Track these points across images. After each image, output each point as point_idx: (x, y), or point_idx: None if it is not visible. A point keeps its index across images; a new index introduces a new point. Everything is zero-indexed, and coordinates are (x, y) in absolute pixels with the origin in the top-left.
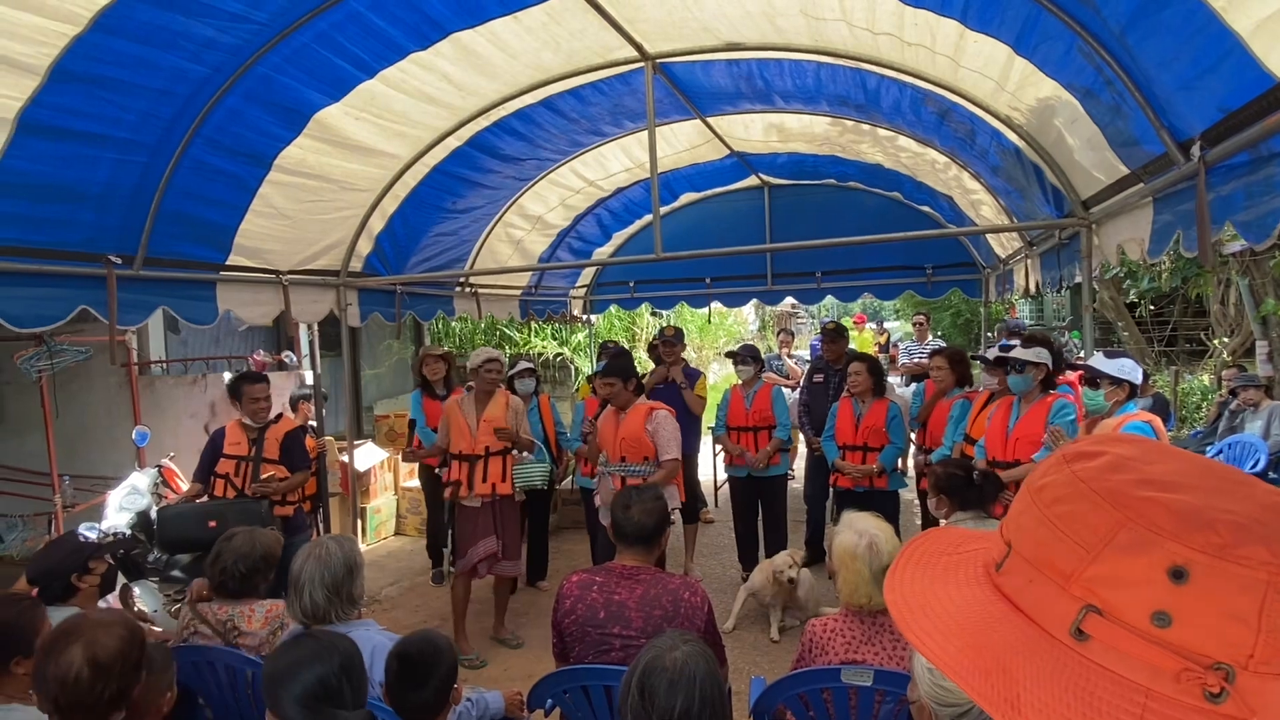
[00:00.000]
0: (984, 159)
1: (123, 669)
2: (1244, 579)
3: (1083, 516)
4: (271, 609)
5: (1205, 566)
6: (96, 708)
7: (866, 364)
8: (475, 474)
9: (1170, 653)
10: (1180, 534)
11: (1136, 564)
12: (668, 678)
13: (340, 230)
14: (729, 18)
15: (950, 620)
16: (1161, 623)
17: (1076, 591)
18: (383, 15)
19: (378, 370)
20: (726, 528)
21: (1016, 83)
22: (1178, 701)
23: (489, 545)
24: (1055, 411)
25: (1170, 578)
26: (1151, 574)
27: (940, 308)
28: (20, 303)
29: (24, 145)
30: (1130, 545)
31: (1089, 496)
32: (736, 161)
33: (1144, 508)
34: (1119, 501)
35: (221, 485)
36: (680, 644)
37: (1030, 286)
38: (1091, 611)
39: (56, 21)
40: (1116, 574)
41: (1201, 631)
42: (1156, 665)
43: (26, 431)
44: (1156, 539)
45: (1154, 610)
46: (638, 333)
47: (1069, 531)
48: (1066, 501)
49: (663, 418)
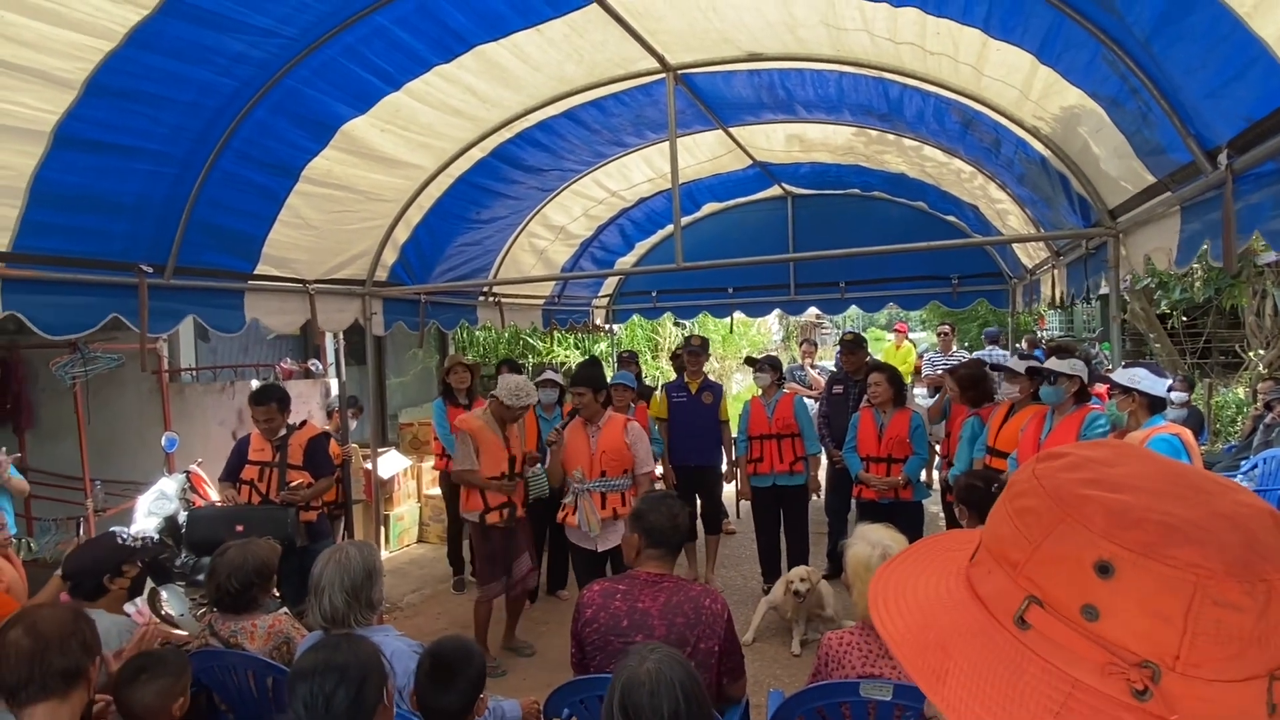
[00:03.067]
0: (1009, 168)
1: (63, 640)
2: (1170, 579)
3: (1033, 511)
4: (273, 625)
5: (1131, 563)
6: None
7: (886, 374)
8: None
9: (1098, 646)
10: (1110, 531)
11: (1068, 557)
12: (647, 689)
13: (366, 240)
14: (750, 28)
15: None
16: (1090, 616)
17: (1022, 582)
18: (407, 29)
19: (402, 379)
20: (748, 539)
21: (1041, 91)
22: (1103, 694)
23: (527, 562)
24: (1088, 424)
25: (1096, 572)
26: (1080, 567)
27: (967, 318)
28: (55, 310)
29: (60, 158)
30: (1063, 539)
31: (1039, 493)
32: (759, 171)
33: (1081, 504)
34: (1061, 498)
35: (247, 491)
36: (649, 655)
37: (1057, 297)
38: (1033, 602)
39: (92, 37)
40: (1052, 566)
41: (1127, 628)
42: (1085, 657)
43: (60, 437)
44: (1087, 534)
45: (1083, 603)
46: (660, 342)
47: (1021, 525)
48: (1024, 497)
49: (637, 430)
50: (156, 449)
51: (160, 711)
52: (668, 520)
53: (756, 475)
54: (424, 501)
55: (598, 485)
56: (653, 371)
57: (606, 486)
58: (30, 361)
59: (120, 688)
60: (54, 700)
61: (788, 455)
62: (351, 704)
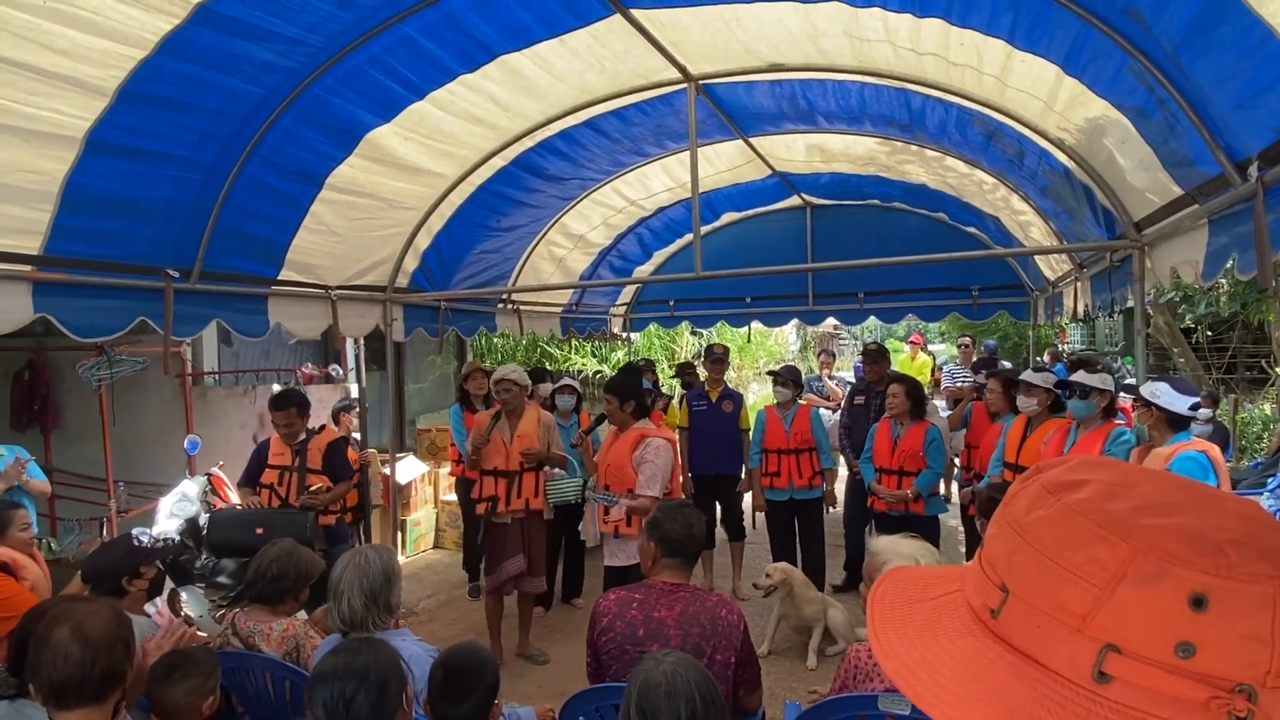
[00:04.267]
0: (1032, 180)
1: (110, 645)
2: (1255, 596)
3: (1088, 552)
4: (287, 629)
5: (1222, 590)
6: (88, 684)
7: (905, 385)
8: (511, 490)
9: (1197, 682)
10: (1192, 560)
11: (1155, 596)
12: (664, 691)
13: (388, 247)
14: (772, 39)
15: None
16: (1186, 653)
17: (1092, 633)
18: (433, 39)
19: (420, 385)
20: (763, 550)
21: (1065, 102)
22: None
23: (518, 564)
24: (1112, 439)
25: (1191, 606)
26: (1172, 604)
27: (987, 331)
28: (84, 313)
29: (91, 163)
30: (1146, 578)
31: (1091, 529)
32: (778, 181)
33: (1153, 537)
34: (1126, 533)
35: (266, 495)
36: (664, 658)
37: (1080, 310)
38: (1111, 651)
39: (125, 45)
40: (1135, 609)
41: (1224, 656)
42: (1184, 697)
43: (85, 438)
44: (1170, 568)
45: (1178, 642)
46: (677, 351)
47: (1075, 570)
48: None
49: (654, 448)
50: (179, 451)
51: (192, 709)
52: (683, 529)
53: (773, 489)
54: (440, 507)
55: (602, 498)
56: (669, 380)
57: (606, 500)
58: (57, 363)
59: (153, 686)
60: (96, 705)
61: (805, 470)
62: (372, 708)
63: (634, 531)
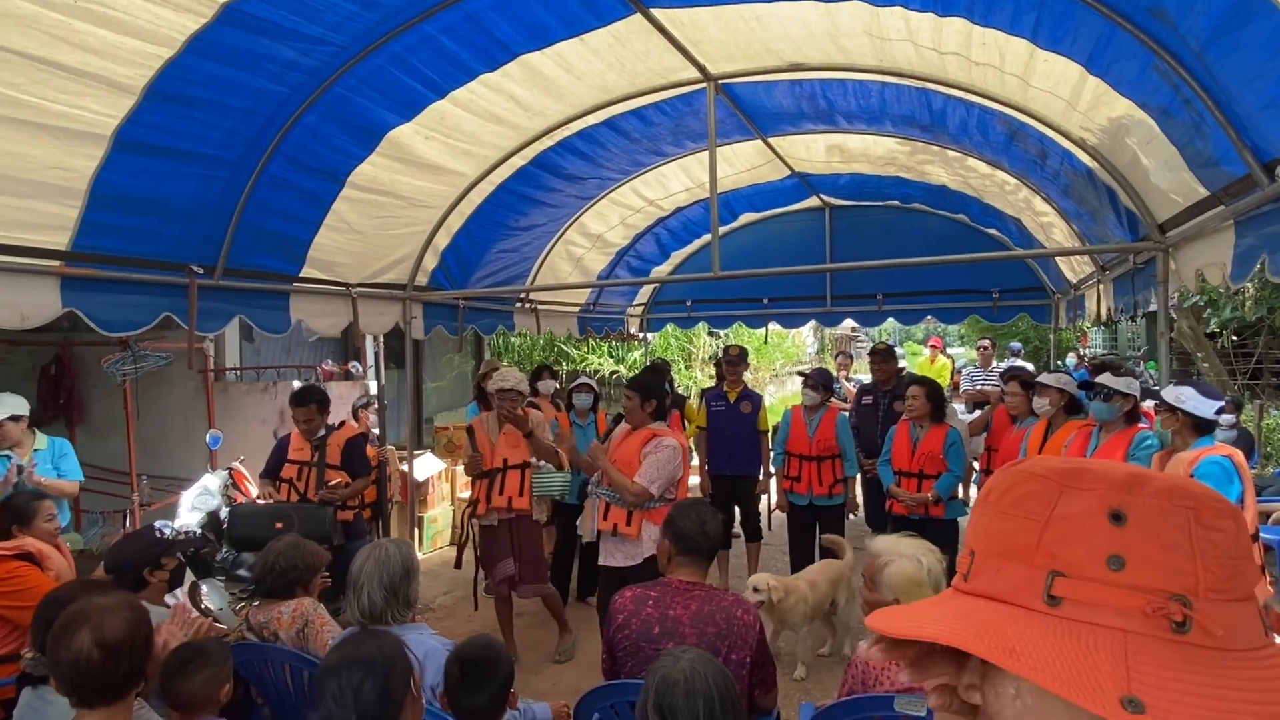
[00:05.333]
0: (1055, 181)
1: (131, 648)
2: (1169, 511)
3: (1031, 495)
4: (297, 608)
5: (1135, 506)
6: (111, 685)
7: (925, 388)
8: (493, 489)
9: (1131, 591)
10: (1111, 486)
11: (1080, 517)
12: (682, 689)
13: (408, 245)
14: (792, 38)
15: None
16: (1117, 565)
17: (1039, 562)
18: (454, 38)
19: (438, 383)
20: (781, 551)
21: (1089, 102)
22: (1154, 637)
23: (506, 568)
24: (1136, 443)
25: (1111, 520)
26: (1097, 522)
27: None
28: (111, 308)
29: (119, 160)
30: (1071, 504)
31: (1031, 479)
32: (797, 182)
33: (1077, 475)
34: (1055, 476)
35: (286, 489)
36: (682, 655)
37: (1102, 313)
38: (1057, 575)
39: (153, 44)
40: (1067, 533)
41: (1151, 566)
42: (1126, 607)
43: (109, 432)
44: (1091, 493)
45: (1108, 555)
46: (694, 352)
47: (1020, 512)
48: (1013, 490)
49: (663, 446)
50: (201, 446)
51: (208, 699)
52: (696, 526)
53: (794, 493)
54: (457, 504)
55: (606, 494)
56: (685, 381)
57: (611, 497)
58: (82, 358)
59: (167, 679)
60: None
61: (827, 478)
62: (379, 696)
63: (633, 531)
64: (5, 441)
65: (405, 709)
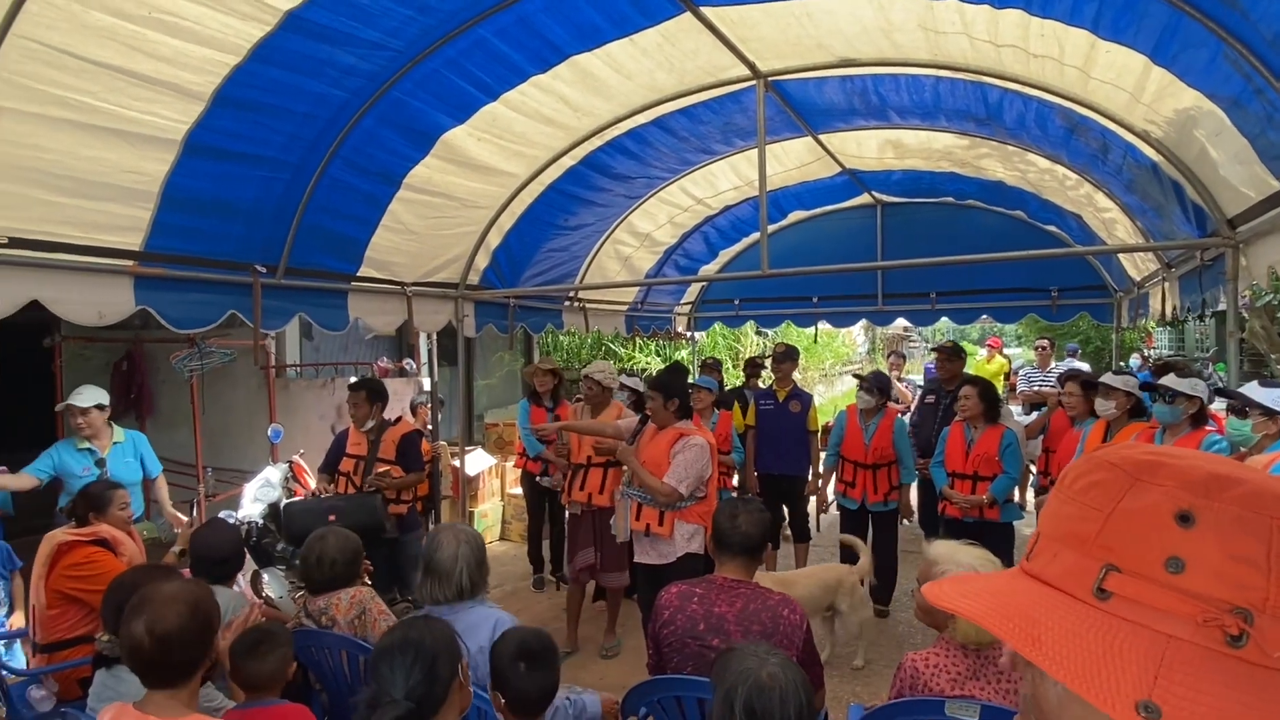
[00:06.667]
0: (1117, 175)
1: (183, 640)
2: (1249, 521)
3: (1101, 484)
4: (355, 595)
5: (1210, 509)
6: (168, 670)
7: (978, 388)
8: (574, 482)
9: (1188, 598)
10: (1185, 484)
11: (1145, 513)
12: (777, 695)
13: (460, 245)
14: (844, 34)
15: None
16: (1175, 568)
17: (1096, 553)
18: (507, 41)
19: (489, 381)
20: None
21: (1153, 94)
22: (1200, 647)
23: (586, 557)
24: (1204, 448)
25: (1177, 522)
26: (1160, 521)
27: (1066, 333)
28: (180, 306)
29: (188, 165)
30: (1138, 498)
31: (1104, 467)
32: (848, 179)
33: (1152, 468)
34: (1129, 467)
35: (343, 483)
36: (767, 658)
37: (1168, 312)
38: (1111, 570)
39: (221, 52)
40: (1128, 528)
41: (1213, 575)
42: (1175, 612)
43: (177, 426)
44: (1162, 489)
45: (1167, 556)
46: (741, 351)
47: (1087, 500)
48: (1088, 476)
49: (691, 446)
50: (262, 439)
51: (275, 680)
52: (728, 520)
53: (847, 498)
54: (507, 500)
55: (636, 494)
56: (733, 380)
57: (641, 498)
58: (152, 354)
59: (240, 659)
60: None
61: (882, 486)
62: (426, 677)
63: (665, 531)
64: (88, 429)
65: (452, 693)
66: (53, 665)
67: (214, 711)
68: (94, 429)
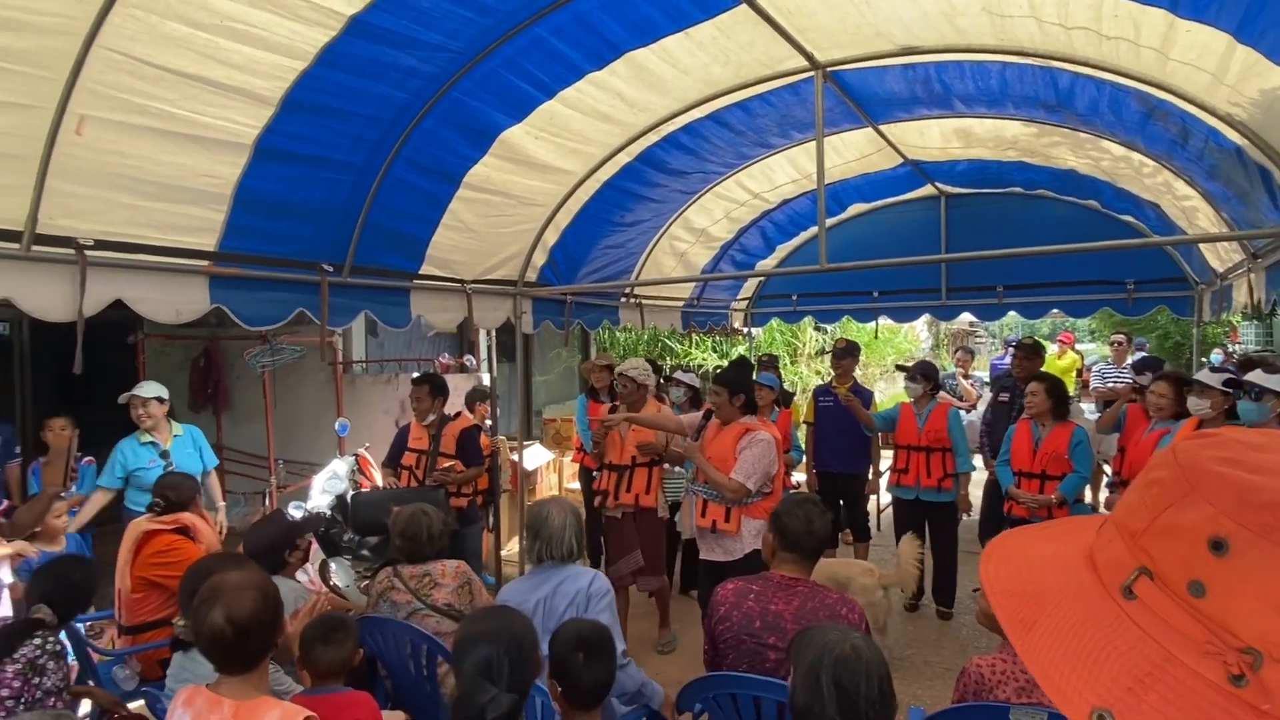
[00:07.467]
0: (1199, 161)
1: (258, 626)
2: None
3: (1161, 483)
4: (459, 566)
5: (1248, 543)
6: (244, 655)
7: (1045, 384)
8: (620, 485)
9: (1201, 624)
10: (1234, 508)
11: (1183, 529)
12: (862, 669)
13: (518, 243)
14: (904, 21)
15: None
16: (1196, 592)
17: (1137, 553)
18: (563, 39)
19: (547, 377)
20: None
21: (1238, 74)
22: (1195, 674)
23: (632, 561)
24: None
25: (1210, 548)
26: (1195, 540)
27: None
28: (252, 304)
29: (259, 168)
30: (1184, 510)
31: (1170, 466)
32: (910, 170)
33: (1212, 480)
34: (1192, 472)
35: (406, 476)
36: (848, 634)
37: (1253, 304)
38: (1144, 573)
39: (289, 58)
40: (1167, 538)
41: (1235, 610)
42: (1186, 633)
43: (250, 420)
44: (1209, 508)
45: (1191, 578)
46: (799, 347)
47: (1148, 496)
48: (1156, 470)
49: (759, 441)
50: (329, 433)
51: (344, 667)
52: (803, 524)
53: (900, 486)
54: (564, 494)
55: (702, 490)
56: (790, 377)
57: (707, 494)
58: (227, 351)
59: (311, 646)
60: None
61: (936, 470)
62: (514, 666)
63: (732, 528)
64: (149, 419)
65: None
66: (135, 646)
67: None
68: (154, 420)
